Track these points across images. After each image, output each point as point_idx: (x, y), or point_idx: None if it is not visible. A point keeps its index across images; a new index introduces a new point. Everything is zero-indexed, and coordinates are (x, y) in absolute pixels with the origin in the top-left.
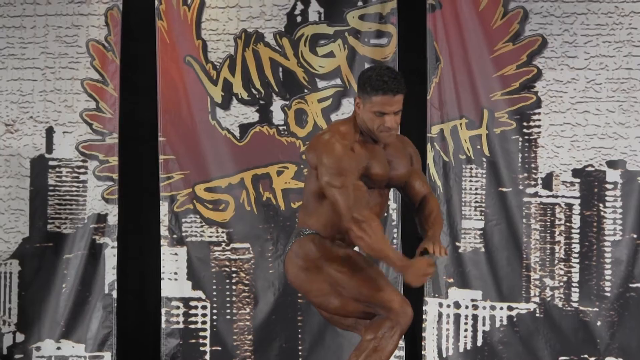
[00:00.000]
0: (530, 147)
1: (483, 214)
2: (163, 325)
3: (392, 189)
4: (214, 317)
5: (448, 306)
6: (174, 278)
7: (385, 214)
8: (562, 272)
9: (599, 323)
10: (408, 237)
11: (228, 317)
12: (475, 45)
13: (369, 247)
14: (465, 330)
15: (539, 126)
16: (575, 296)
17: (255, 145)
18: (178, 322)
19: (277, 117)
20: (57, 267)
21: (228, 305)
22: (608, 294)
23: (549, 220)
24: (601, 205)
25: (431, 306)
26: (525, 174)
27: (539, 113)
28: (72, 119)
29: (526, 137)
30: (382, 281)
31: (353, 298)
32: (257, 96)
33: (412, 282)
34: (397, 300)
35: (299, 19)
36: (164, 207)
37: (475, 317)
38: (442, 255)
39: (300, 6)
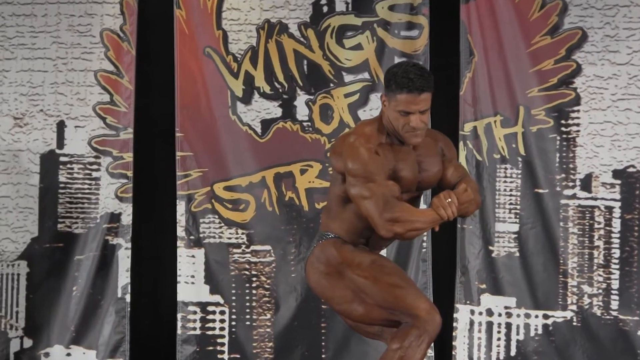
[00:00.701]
0: (568, 146)
1: (518, 216)
2: (179, 331)
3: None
4: (233, 323)
5: (480, 314)
6: (190, 282)
7: None
8: (601, 279)
9: (639, 333)
10: (435, 241)
11: (247, 323)
12: (511, 38)
13: (420, 232)
14: (498, 339)
15: (577, 124)
16: (614, 304)
17: (278, 141)
18: (195, 328)
19: (301, 112)
20: (68, 269)
21: (247, 310)
22: None
23: (587, 223)
24: None
25: (462, 313)
26: (563, 175)
27: (578, 110)
28: (84, 112)
29: (564, 135)
30: (408, 287)
31: (377, 305)
32: (280, 90)
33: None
34: (424, 307)
35: (325, 9)
36: (180, 207)
37: (508, 326)
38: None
39: None
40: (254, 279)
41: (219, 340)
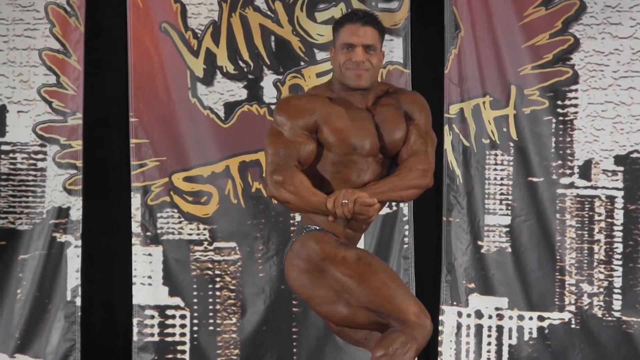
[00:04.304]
0: (565, 129)
1: (510, 208)
2: (135, 337)
3: None
4: (195, 328)
5: (468, 316)
6: (147, 283)
7: (395, 208)
8: (602, 277)
9: None
10: (419, 236)
11: (211, 328)
12: (502, 10)
13: (298, 208)
14: (489, 344)
15: (575, 105)
16: (617, 304)
17: (243, 127)
18: (152, 335)
19: (269, 94)
20: (11, 269)
21: (211, 314)
22: None
23: (587, 215)
24: None
25: (448, 316)
26: (560, 162)
27: (576, 90)
28: (28, 96)
29: (561, 118)
30: (397, 287)
31: (363, 307)
32: (245, 70)
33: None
34: (414, 310)
35: None
36: (135, 200)
37: (500, 329)
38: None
39: None
40: (218, 279)
41: (179, 348)
